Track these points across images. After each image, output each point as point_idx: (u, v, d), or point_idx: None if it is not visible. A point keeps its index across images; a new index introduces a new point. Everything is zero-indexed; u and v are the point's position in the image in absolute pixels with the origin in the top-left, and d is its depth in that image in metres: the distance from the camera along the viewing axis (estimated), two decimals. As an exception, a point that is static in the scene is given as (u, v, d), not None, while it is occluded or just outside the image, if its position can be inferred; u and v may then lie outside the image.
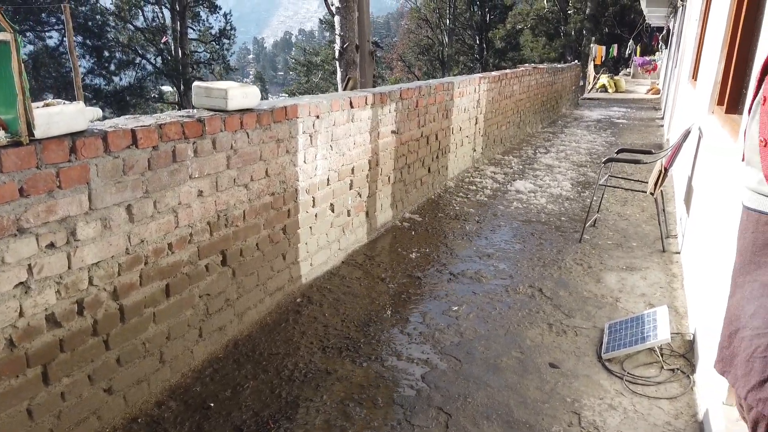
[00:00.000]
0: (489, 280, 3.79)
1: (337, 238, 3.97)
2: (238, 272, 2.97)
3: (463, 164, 6.69)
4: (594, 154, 8.29)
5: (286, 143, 3.22)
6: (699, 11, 6.68)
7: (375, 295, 3.55)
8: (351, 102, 3.89)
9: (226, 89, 2.75)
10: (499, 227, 4.90)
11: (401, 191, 4.96)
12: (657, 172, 4.18)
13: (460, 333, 3.09)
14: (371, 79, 15.57)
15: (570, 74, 14.18)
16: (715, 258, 2.68)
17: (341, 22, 12.97)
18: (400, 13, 61.38)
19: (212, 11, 23.72)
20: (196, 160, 2.57)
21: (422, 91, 5.12)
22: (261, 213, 3.09)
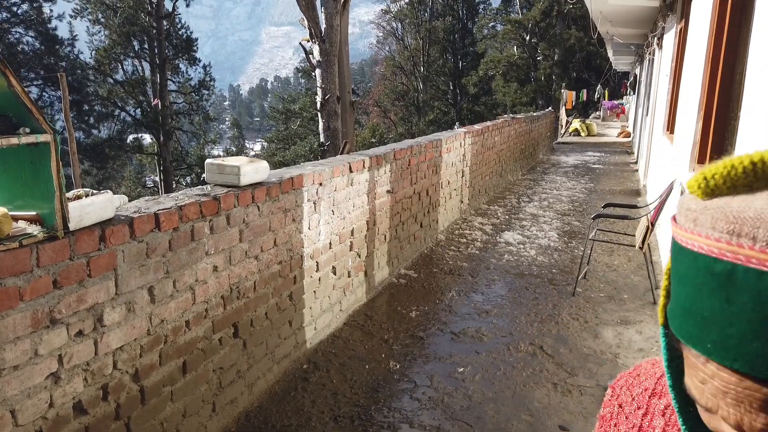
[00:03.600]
0: (490, 339, 3.86)
1: (339, 299, 4.02)
2: (248, 343, 2.99)
3: (452, 216, 6.84)
4: (576, 201, 8.54)
5: (292, 212, 3.31)
6: (670, 68, 7.07)
7: (380, 357, 3.58)
8: (350, 167, 4.01)
9: (239, 166, 2.84)
10: (494, 282, 5.01)
11: (396, 248, 5.05)
12: (644, 227, 4.36)
13: (468, 396, 3.14)
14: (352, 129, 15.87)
15: (545, 121, 14.68)
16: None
17: (322, 75, 13.31)
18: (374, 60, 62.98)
19: (191, 63, 24.06)
20: (212, 237, 2.63)
21: (414, 150, 5.29)
22: (270, 282, 3.14)
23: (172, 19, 23.17)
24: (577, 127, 21.54)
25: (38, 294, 1.82)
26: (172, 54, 23.03)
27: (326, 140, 13.19)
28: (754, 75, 2.56)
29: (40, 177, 1.83)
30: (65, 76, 3.37)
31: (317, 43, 13.24)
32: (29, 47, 20.81)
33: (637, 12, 10.07)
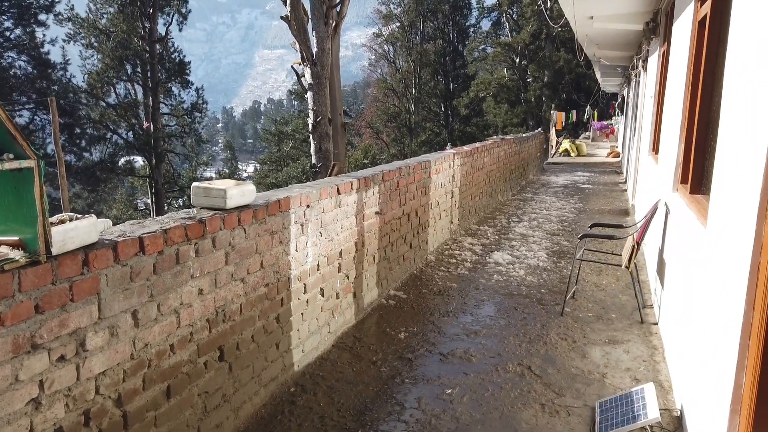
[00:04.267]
0: (478, 360, 3.86)
1: (327, 321, 4.02)
2: (234, 366, 2.98)
3: (442, 237, 6.87)
4: (565, 221, 8.60)
5: (279, 234, 3.32)
6: (654, 90, 7.20)
7: (368, 380, 3.57)
8: (338, 189, 4.04)
9: (225, 189, 2.86)
10: (483, 302, 5.02)
11: (386, 269, 5.06)
12: (630, 247, 4.39)
13: (456, 418, 3.13)
14: (344, 150, 15.96)
15: (535, 142, 14.83)
16: (695, 333, 2.83)
17: (314, 98, 13.43)
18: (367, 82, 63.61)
19: (184, 86, 24.22)
20: (198, 260, 2.64)
21: (402, 171, 5.33)
22: (256, 305, 3.14)
23: (165, 43, 23.38)
24: (567, 147, 21.77)
25: (19, 319, 1.82)
26: (164, 77, 23.19)
27: (318, 161, 13.25)
28: (727, 97, 2.62)
29: (24, 202, 1.85)
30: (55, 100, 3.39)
31: (309, 66, 13.38)
32: (21, 71, 20.92)
33: (622, 35, 10.28)
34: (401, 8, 40.59)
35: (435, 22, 40.75)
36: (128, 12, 22.81)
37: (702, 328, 2.69)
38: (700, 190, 3.77)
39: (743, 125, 2.27)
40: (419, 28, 40.51)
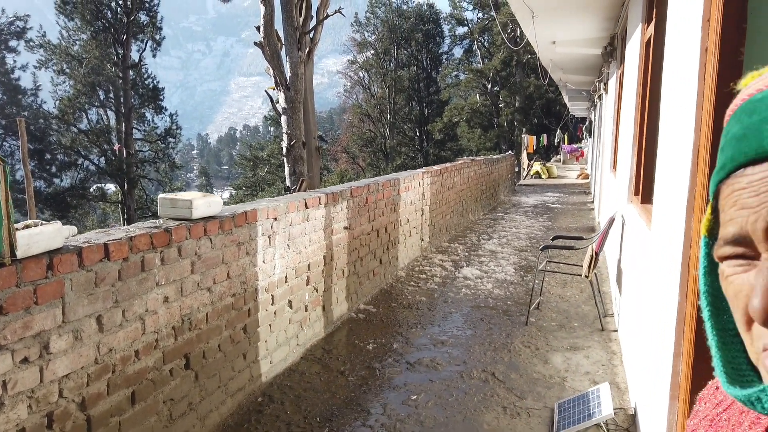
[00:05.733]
0: (444, 367, 3.95)
1: (296, 333, 4.07)
2: (200, 375, 3.02)
3: (413, 253, 6.98)
4: (533, 238, 8.81)
5: (246, 245, 3.40)
6: (612, 113, 7.52)
7: (335, 389, 3.62)
8: (306, 203, 4.14)
9: (191, 200, 2.94)
10: (451, 314, 5.12)
11: (355, 283, 5.14)
12: (589, 257, 4.57)
13: (420, 422, 3.20)
14: (318, 173, 16.08)
15: (505, 164, 15.16)
16: (645, 332, 2.98)
17: (288, 121, 13.58)
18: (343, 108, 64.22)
19: (158, 112, 24.19)
20: (163, 268, 2.70)
21: (371, 188, 5.46)
22: (223, 314, 3.20)
23: (139, 69, 23.40)
24: (538, 169, 22.26)
25: (-17, 319, 1.87)
26: (138, 103, 23.14)
27: (292, 185, 13.33)
28: (663, 111, 2.82)
29: (-11, 205, 1.91)
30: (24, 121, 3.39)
31: (283, 91, 13.56)
32: (-9, 97, 20.67)
33: (584, 59, 10.70)
34: (375, 36, 41.33)
35: (409, 49, 41.54)
36: (101, 39, 22.83)
37: (650, 325, 2.83)
38: (649, 200, 3.97)
39: (673, 135, 2.46)
40: (393, 55, 41.25)
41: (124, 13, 23.32)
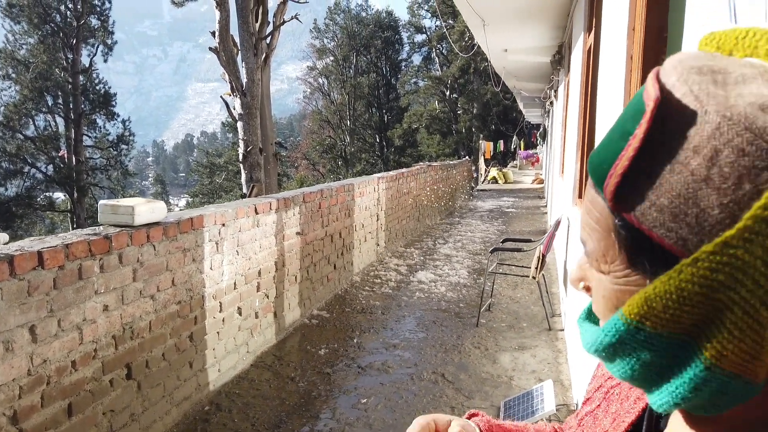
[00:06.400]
0: (396, 370, 3.98)
1: (246, 341, 4.03)
2: (143, 385, 2.96)
3: (368, 259, 7.01)
4: (488, 242, 8.97)
5: (192, 252, 3.35)
6: (561, 119, 7.75)
7: (285, 395, 3.60)
8: (256, 208, 4.11)
9: (133, 206, 2.89)
10: (404, 317, 5.16)
11: (308, 289, 5.13)
12: (536, 259, 4.69)
13: (369, 425, 3.21)
14: (276, 180, 15.94)
15: (462, 169, 15.39)
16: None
17: (244, 127, 13.43)
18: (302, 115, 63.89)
19: (110, 118, 23.54)
20: (103, 276, 2.64)
21: (324, 193, 5.46)
22: (167, 322, 3.14)
23: (89, 75, 22.73)
24: (495, 175, 22.68)
25: None
26: (88, 109, 22.47)
27: (249, 191, 13.19)
28: (599, 121, 2.95)
29: None
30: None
31: (239, 97, 13.41)
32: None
33: (535, 67, 11.00)
34: (335, 42, 41.36)
35: (368, 56, 41.73)
36: (49, 43, 22.09)
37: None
38: (591, 203, 4.10)
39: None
40: (353, 61, 41.34)
41: (73, 17, 22.64)
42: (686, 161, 0.34)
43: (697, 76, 0.35)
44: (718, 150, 0.33)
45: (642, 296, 0.36)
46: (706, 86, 0.35)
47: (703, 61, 0.37)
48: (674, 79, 0.36)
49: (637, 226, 0.36)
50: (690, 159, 0.34)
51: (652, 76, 0.37)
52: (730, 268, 0.32)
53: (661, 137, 0.35)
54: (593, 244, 0.41)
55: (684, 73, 0.36)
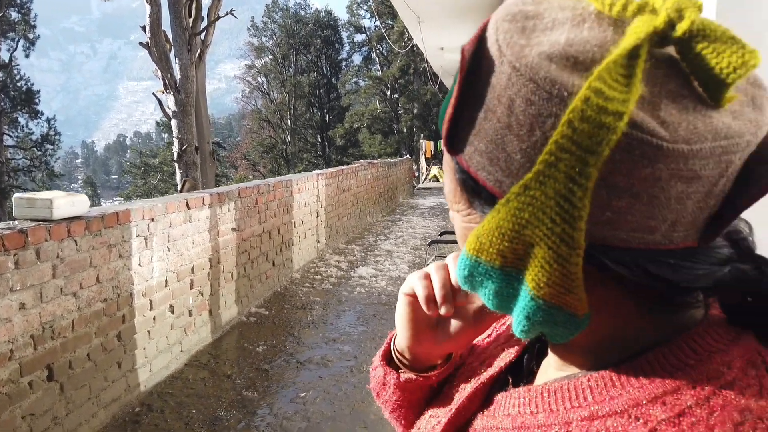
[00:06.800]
0: (335, 364, 3.96)
1: (179, 339, 3.90)
2: (67, 386, 2.81)
3: (308, 255, 6.94)
4: (428, 237, 9.07)
5: (118, 248, 3.21)
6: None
7: (221, 393, 3.52)
8: (188, 203, 3.99)
9: (51, 199, 2.74)
10: (344, 312, 5.15)
11: (246, 287, 5.03)
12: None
13: (307, 418, 3.18)
14: (213, 179, 15.53)
15: (403, 167, 15.52)
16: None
17: (179, 125, 13.01)
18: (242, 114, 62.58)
19: (33, 117, 22.24)
20: (18, 272, 2.49)
21: (261, 189, 5.37)
22: (92, 321, 3.00)
23: (9, 71, 21.40)
24: (436, 173, 23.03)
25: None
26: (9, 106, 21.15)
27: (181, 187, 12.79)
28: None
29: None
30: None
31: (172, 94, 12.99)
32: None
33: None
34: (273, 41, 40.77)
35: (308, 55, 41.39)
36: (-37, 35, 20.64)
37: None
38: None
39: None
40: (292, 60, 40.90)
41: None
42: (494, 109, 0.36)
43: (508, 24, 0.37)
44: (512, 99, 0.35)
45: (475, 233, 0.38)
46: (510, 35, 0.36)
47: (524, 5, 0.38)
48: (490, 27, 0.38)
49: (466, 168, 0.39)
50: (496, 107, 0.36)
51: (482, 24, 0.39)
52: (531, 207, 0.34)
53: (476, 86, 0.37)
54: (447, 186, 0.44)
55: (498, 21, 0.37)
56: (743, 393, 0.35)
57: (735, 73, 0.32)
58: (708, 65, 0.33)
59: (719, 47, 0.33)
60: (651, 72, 0.33)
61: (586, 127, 0.32)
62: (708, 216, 0.35)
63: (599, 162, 0.32)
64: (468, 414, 0.51)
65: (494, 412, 0.47)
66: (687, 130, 0.32)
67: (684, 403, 0.35)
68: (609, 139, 0.31)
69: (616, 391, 0.39)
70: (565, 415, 0.40)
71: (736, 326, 0.40)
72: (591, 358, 0.42)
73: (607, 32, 0.35)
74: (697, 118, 0.33)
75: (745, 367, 0.37)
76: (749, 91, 0.36)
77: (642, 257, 0.35)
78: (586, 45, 0.34)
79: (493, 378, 0.52)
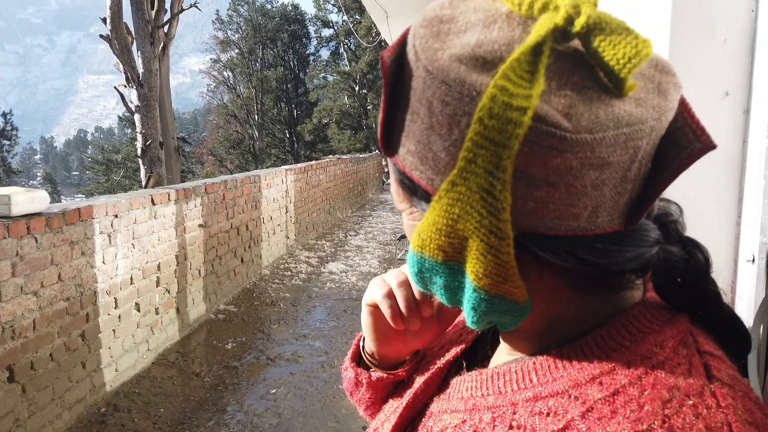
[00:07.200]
0: (306, 359, 3.95)
1: (146, 338, 3.83)
2: (29, 388, 2.73)
3: (278, 252, 6.89)
4: (398, 232, 9.10)
5: (81, 245, 3.13)
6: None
7: (189, 391, 3.47)
8: (152, 199, 3.91)
9: (9, 195, 2.64)
10: (315, 308, 5.13)
11: (214, 284, 4.96)
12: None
13: (278, 414, 3.17)
14: (179, 175, 15.25)
15: (372, 163, 15.52)
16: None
17: (142, 120, 12.70)
18: (207, 109, 61.49)
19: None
20: (-26, 271, 2.40)
21: (228, 184, 5.30)
22: (55, 320, 2.92)
23: (-38, 62, 20.51)
24: (405, 168, 23.09)
25: None
26: (-39, 100, 20.29)
27: (146, 182, 12.51)
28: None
29: None
30: None
31: (135, 88, 12.68)
32: None
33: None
34: (239, 35, 40.15)
35: (275, 49, 40.89)
36: None
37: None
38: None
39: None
40: (259, 55, 40.36)
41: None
42: (417, 111, 0.37)
43: (424, 29, 0.38)
44: (430, 101, 0.36)
45: (417, 230, 0.39)
46: (425, 40, 0.37)
47: (441, 10, 0.39)
48: (410, 34, 0.39)
49: (402, 169, 0.40)
50: (419, 109, 0.37)
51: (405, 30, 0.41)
52: (460, 202, 0.36)
53: (400, 90, 0.39)
54: (392, 186, 0.45)
55: (415, 27, 0.39)
56: (673, 372, 0.37)
57: (630, 63, 0.33)
58: (605, 57, 0.34)
59: (615, 39, 0.34)
60: (555, 66, 0.35)
61: (495, 123, 0.33)
62: (629, 200, 0.37)
63: (512, 155, 0.33)
64: (425, 398, 0.53)
65: (449, 395, 0.49)
66: (589, 120, 0.33)
67: (618, 382, 0.37)
68: (517, 134, 0.33)
69: (558, 372, 0.40)
70: (512, 396, 0.42)
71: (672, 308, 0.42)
72: (536, 343, 0.44)
73: (516, 31, 0.36)
74: (600, 107, 0.34)
75: (677, 346, 0.38)
76: (656, 77, 0.37)
77: (571, 243, 0.36)
78: (494, 45, 0.35)
79: (449, 363, 0.54)
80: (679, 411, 0.34)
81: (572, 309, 0.42)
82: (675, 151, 0.37)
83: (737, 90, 0.73)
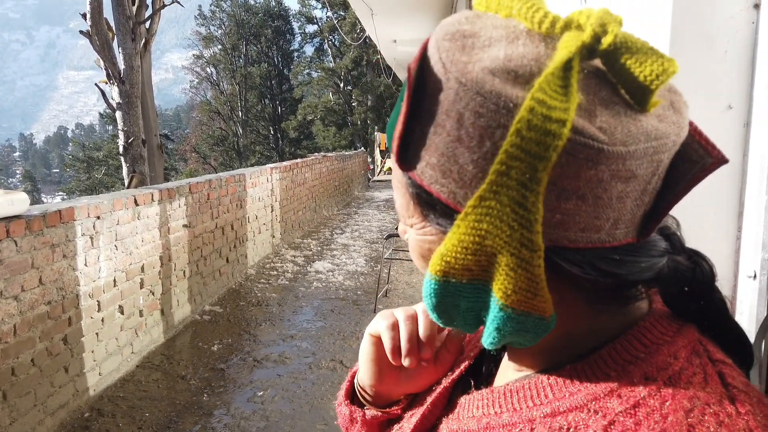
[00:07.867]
0: (293, 361, 3.92)
1: (130, 341, 3.77)
2: (10, 394, 2.67)
3: (264, 251, 6.84)
4: (384, 231, 9.09)
5: (62, 248, 3.07)
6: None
7: (175, 395, 3.42)
8: (135, 200, 3.85)
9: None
10: (301, 308, 5.10)
11: (199, 284, 4.90)
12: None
13: (266, 417, 3.14)
14: (162, 173, 15.07)
15: (358, 160, 15.48)
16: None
17: (124, 117, 12.52)
18: (190, 106, 60.83)
19: (-35, 107, 20.95)
20: (-49, 276, 2.34)
21: (213, 183, 5.24)
22: (36, 325, 2.86)
23: (-63, 58, 20.04)
24: (390, 166, 23.07)
25: None
26: (-63, 97, 19.83)
27: (128, 182, 12.36)
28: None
29: None
30: None
31: (116, 84, 12.49)
32: None
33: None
34: (222, 30, 39.78)
35: (258, 45, 40.59)
36: None
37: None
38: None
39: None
40: (242, 51, 40.03)
41: None
42: (443, 123, 0.37)
43: (448, 42, 0.38)
44: (461, 113, 0.36)
45: (438, 253, 0.38)
46: (452, 53, 0.37)
47: (460, 25, 0.39)
48: (431, 47, 0.39)
49: (419, 183, 0.39)
50: (445, 121, 0.37)
51: (423, 43, 0.40)
52: (489, 217, 0.36)
53: (423, 102, 0.39)
54: (398, 201, 0.44)
55: (438, 40, 0.38)
56: (690, 381, 0.37)
57: (658, 80, 0.35)
58: (633, 74, 0.35)
59: (641, 57, 0.36)
60: (584, 82, 0.36)
61: (534, 135, 0.33)
62: (644, 213, 0.38)
63: (548, 167, 0.34)
64: (432, 419, 0.52)
65: (458, 415, 0.49)
66: (622, 133, 0.34)
67: (638, 394, 0.37)
68: (555, 145, 0.33)
69: (575, 387, 0.40)
70: (528, 413, 0.42)
71: (678, 318, 0.43)
72: (546, 358, 0.44)
73: (540, 47, 0.37)
74: (629, 122, 0.35)
75: (690, 356, 0.39)
76: (667, 96, 0.39)
77: (591, 255, 0.37)
78: (523, 59, 0.36)
79: (454, 381, 0.54)
80: (702, 420, 0.35)
81: (584, 323, 0.42)
82: (686, 165, 0.38)
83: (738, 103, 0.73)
